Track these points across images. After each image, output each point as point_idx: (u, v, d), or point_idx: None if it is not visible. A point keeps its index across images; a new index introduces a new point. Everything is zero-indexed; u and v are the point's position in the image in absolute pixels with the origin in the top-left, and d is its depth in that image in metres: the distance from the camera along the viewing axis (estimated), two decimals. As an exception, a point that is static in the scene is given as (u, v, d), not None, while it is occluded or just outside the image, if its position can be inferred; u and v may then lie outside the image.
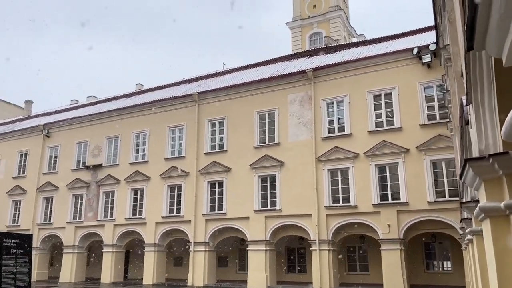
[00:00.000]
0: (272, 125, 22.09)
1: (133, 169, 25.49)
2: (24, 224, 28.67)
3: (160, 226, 23.99)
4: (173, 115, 25.11)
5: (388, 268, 18.04)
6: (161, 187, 24.36)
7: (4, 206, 30.06)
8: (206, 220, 22.61)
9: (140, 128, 26.07)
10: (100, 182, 26.43)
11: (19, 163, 30.62)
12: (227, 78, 26.45)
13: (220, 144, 23.44)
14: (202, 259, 22.28)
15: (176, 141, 24.92)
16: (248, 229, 21.40)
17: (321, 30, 39.17)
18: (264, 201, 21.43)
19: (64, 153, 28.70)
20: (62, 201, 27.76)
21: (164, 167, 24.42)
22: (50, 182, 28.38)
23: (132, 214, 25.05)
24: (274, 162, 21.34)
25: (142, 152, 25.79)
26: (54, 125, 29.84)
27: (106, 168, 26.57)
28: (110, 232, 25.36)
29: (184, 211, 23.39)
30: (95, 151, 27.41)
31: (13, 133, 31.80)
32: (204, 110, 24.23)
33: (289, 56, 26.28)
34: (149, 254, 23.88)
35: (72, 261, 26.36)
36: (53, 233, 27.71)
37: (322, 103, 20.98)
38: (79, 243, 26.60)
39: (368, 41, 24.12)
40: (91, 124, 28.18)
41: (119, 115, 27.14)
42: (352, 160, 19.63)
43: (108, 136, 27.10)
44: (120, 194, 25.69)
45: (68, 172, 27.94)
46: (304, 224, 20.22)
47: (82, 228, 26.64)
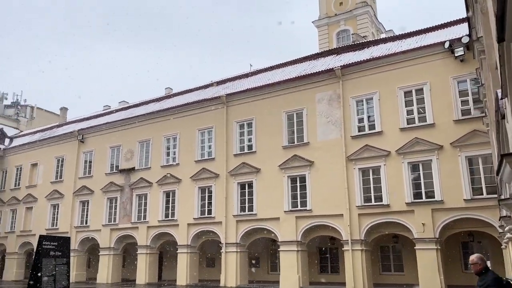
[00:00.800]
0: (301, 124, 21.97)
1: (164, 171, 25.93)
2: (62, 227, 29.68)
3: (192, 228, 24.29)
4: (202, 118, 25.39)
5: (424, 268, 17.57)
6: (192, 189, 24.67)
7: (44, 210, 31.22)
8: (237, 221, 22.72)
9: (170, 131, 26.51)
10: (133, 185, 27.03)
11: (56, 168, 31.74)
12: (254, 79, 26.51)
13: (248, 145, 23.52)
14: (234, 260, 22.40)
15: (205, 143, 25.19)
16: (279, 230, 21.36)
17: (349, 28, 38.65)
18: (294, 201, 21.33)
19: (98, 157, 29.54)
20: (98, 204, 28.58)
21: (194, 169, 24.72)
22: (85, 186, 29.28)
23: (164, 216, 25.49)
24: (303, 162, 21.21)
25: (173, 155, 26.21)
26: (88, 130, 30.76)
27: (138, 172, 27.15)
28: (143, 234, 25.89)
29: (215, 212, 23.59)
30: (128, 155, 28.06)
31: (50, 140, 32.99)
32: (232, 112, 24.38)
33: (316, 55, 26.06)
34: (182, 256, 24.22)
35: (108, 263, 27.08)
36: (90, 236, 28.56)
37: (351, 101, 20.69)
38: (115, 245, 27.29)
39: (397, 36, 23.61)
40: (123, 128, 28.88)
41: (149, 119, 27.69)
42: (383, 158, 19.26)
43: (140, 140, 27.69)
44: (153, 196, 26.20)
45: (103, 176, 28.73)
46: (336, 224, 19.99)
47: (117, 230, 27.32)
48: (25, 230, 31.88)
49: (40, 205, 31.62)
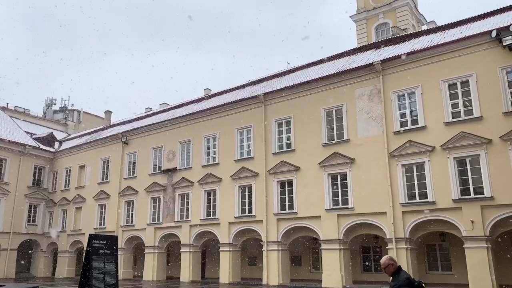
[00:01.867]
0: (340, 121, 21.65)
1: (205, 171, 26.34)
2: (109, 226, 30.81)
3: (233, 226, 24.53)
4: (241, 117, 25.57)
5: (474, 268, 16.85)
6: (232, 188, 24.91)
7: (92, 210, 32.54)
8: (278, 220, 22.72)
9: (210, 131, 26.89)
10: (176, 185, 27.63)
11: (102, 170, 32.99)
12: (292, 77, 26.39)
13: (287, 143, 23.44)
14: (275, 258, 22.41)
15: (244, 142, 25.34)
16: (320, 228, 21.17)
17: (388, 21, 37.64)
18: (335, 199, 21.06)
19: (141, 158, 30.42)
20: (142, 204, 29.44)
21: (234, 169, 24.94)
22: (130, 187, 30.23)
23: (206, 215, 25.89)
24: (344, 159, 20.89)
25: (213, 154, 26.57)
26: (132, 132, 31.74)
27: (180, 171, 27.73)
28: (186, 232, 26.42)
29: (255, 211, 23.71)
30: (170, 155, 28.72)
31: (96, 142, 34.32)
32: (270, 111, 24.39)
33: (355, 50, 25.58)
34: (224, 254, 24.51)
35: (153, 261, 27.84)
36: (135, 235, 29.48)
37: (393, 96, 20.15)
38: (159, 244, 28.02)
39: (440, 27, 22.72)
40: (164, 130, 29.58)
41: (190, 120, 28.21)
42: (427, 154, 18.63)
43: (181, 140, 28.27)
44: (194, 196, 26.67)
45: (146, 176, 29.57)
46: (379, 222, 19.56)
47: (161, 229, 28.03)
48: (75, 229, 33.36)
49: (88, 205, 32.98)
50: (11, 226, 33.13)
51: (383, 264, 6.01)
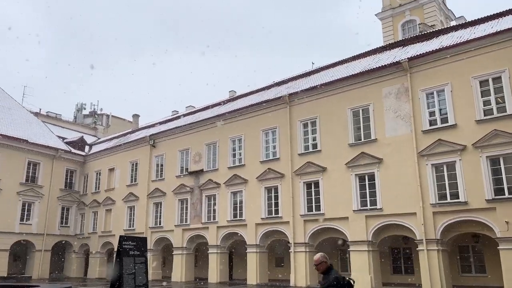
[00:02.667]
0: (367, 121, 21.34)
1: (231, 173, 26.47)
2: (138, 228, 31.37)
3: (260, 228, 24.54)
4: (266, 118, 25.57)
5: (509, 270, 16.22)
6: (259, 189, 24.93)
7: (121, 212, 33.22)
8: (305, 221, 22.58)
9: (235, 133, 27.01)
10: (202, 187, 27.89)
11: (131, 172, 33.64)
12: (317, 77, 26.21)
13: (313, 144, 23.28)
14: (303, 259, 22.28)
15: (270, 143, 25.34)
16: (348, 230, 20.91)
17: (415, 17, 36.86)
18: (363, 200, 20.76)
19: (168, 161, 30.86)
20: (170, 205, 29.85)
21: (260, 170, 24.96)
22: (158, 189, 30.70)
23: (233, 216, 26.00)
24: (371, 159, 20.58)
25: (239, 156, 26.68)
26: (159, 135, 32.24)
27: (206, 173, 27.97)
28: (214, 234, 26.60)
29: (282, 212, 23.64)
30: (196, 157, 29.02)
31: (124, 145, 35.04)
32: (295, 111, 24.30)
33: (381, 48, 25.16)
34: (251, 255, 24.53)
35: (182, 262, 28.16)
36: (163, 236, 29.91)
37: (421, 94, 19.71)
38: (187, 245, 28.33)
39: (469, 22, 22.08)
40: (191, 132, 29.92)
41: (215, 122, 28.41)
42: (458, 152, 18.12)
43: (207, 142, 28.52)
44: (221, 197, 26.84)
45: (173, 178, 29.96)
46: (409, 223, 19.15)
47: (189, 230, 28.34)
48: (106, 231, 34.13)
49: (118, 207, 33.69)
50: (45, 227, 34.20)
51: (317, 261, 6.13)
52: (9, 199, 32.13)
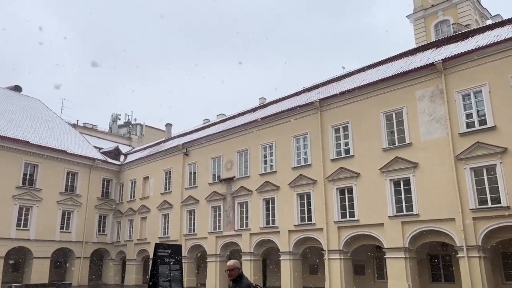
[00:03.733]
0: (401, 124, 20.87)
1: (263, 179, 26.47)
2: (173, 235, 31.81)
3: (293, 235, 24.36)
4: (297, 124, 25.48)
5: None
6: (291, 196, 24.79)
7: (156, 219, 33.82)
8: (338, 228, 22.25)
9: (266, 140, 27.03)
10: (234, 194, 28.02)
11: (165, 181, 34.23)
12: (347, 81, 25.92)
13: (345, 149, 22.98)
14: (337, 267, 21.92)
15: (301, 149, 25.20)
16: (383, 236, 20.44)
17: (448, 17, 35.88)
18: (399, 206, 20.25)
19: (201, 168, 31.22)
20: (203, 213, 30.14)
21: (292, 176, 24.84)
22: (191, 196, 31.09)
23: (265, 223, 25.95)
24: (406, 164, 20.08)
25: (270, 162, 26.66)
26: (191, 144, 32.70)
27: (238, 180, 28.09)
28: (247, 241, 26.62)
29: (315, 219, 23.40)
30: (228, 165, 29.22)
31: (158, 154, 35.74)
32: (326, 117, 24.08)
33: (413, 50, 24.63)
34: (285, 262, 24.37)
35: (216, 269, 28.30)
36: (197, 243, 30.18)
37: (457, 96, 19.11)
38: (221, 252, 28.47)
39: (507, 21, 21.26)
40: (222, 140, 30.19)
41: (246, 129, 28.57)
42: (499, 155, 17.40)
43: (238, 150, 28.68)
44: (253, 204, 26.86)
45: (206, 186, 30.26)
46: (447, 229, 18.50)
47: (222, 237, 28.48)
48: (141, 238, 34.80)
49: (152, 215, 34.32)
50: (83, 235, 35.24)
51: (231, 266, 6.20)
52: (50, 208, 33.32)
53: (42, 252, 32.20)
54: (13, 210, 31.05)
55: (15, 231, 30.93)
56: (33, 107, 39.75)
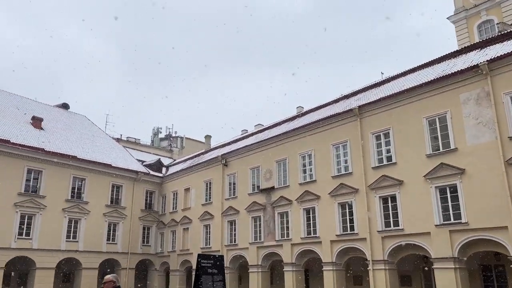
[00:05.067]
0: (445, 129, 20.14)
1: (302, 189, 26.26)
2: (214, 246, 32.08)
3: (335, 245, 23.94)
4: (335, 133, 25.17)
5: None
6: (332, 205, 24.42)
7: (198, 230, 34.26)
8: (382, 237, 21.65)
9: (305, 148, 26.86)
10: (274, 204, 27.94)
11: (205, 192, 34.69)
12: (387, 87, 25.37)
13: (387, 156, 22.43)
14: (382, 278, 21.28)
15: (341, 158, 24.84)
16: (430, 246, 19.66)
17: (492, 17, 34.46)
18: (445, 214, 19.45)
19: (240, 179, 31.41)
20: (243, 223, 30.23)
21: (332, 185, 24.50)
22: (231, 207, 31.29)
23: (306, 234, 25.66)
24: (452, 170, 19.30)
25: (309, 172, 26.43)
26: (230, 154, 33.02)
27: (278, 190, 28.01)
28: (288, 251, 26.40)
29: (357, 228, 22.91)
30: (267, 174, 29.23)
31: (198, 165, 36.32)
32: (366, 124, 23.65)
33: (456, 53, 23.79)
34: (328, 273, 23.94)
35: (258, 280, 28.22)
36: (239, 254, 30.27)
37: (505, 98, 18.23)
38: (262, 263, 28.38)
39: (557, 16, 20.18)
40: (260, 150, 30.28)
41: (284, 139, 28.52)
42: (554, 159, 16.40)
43: (277, 159, 28.65)
44: (294, 214, 26.67)
45: (246, 196, 30.39)
46: (499, 237, 17.54)
47: (263, 248, 28.41)
48: (184, 249, 35.32)
49: (194, 226, 34.80)
50: (128, 247, 36.22)
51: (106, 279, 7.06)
52: (97, 220, 34.53)
53: (90, 263, 33.35)
54: (63, 223, 32.40)
55: (65, 243, 32.22)
56: (80, 123, 41.60)
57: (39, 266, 30.19)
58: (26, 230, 30.20)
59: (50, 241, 31.14)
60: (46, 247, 30.80)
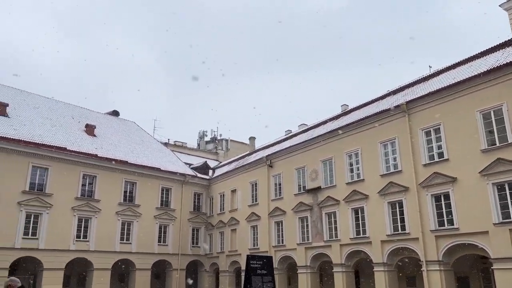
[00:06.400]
0: (501, 122, 19.05)
1: (350, 188, 25.81)
2: (262, 247, 32.21)
3: (386, 245, 23.31)
4: (383, 130, 24.54)
5: None
6: (381, 204, 23.82)
7: (245, 231, 34.56)
8: (436, 237, 20.82)
9: (351, 147, 26.39)
10: (321, 204, 27.64)
11: (251, 193, 34.94)
12: (436, 81, 24.40)
13: (439, 153, 21.56)
14: (437, 279, 20.45)
15: (389, 155, 24.17)
16: (489, 245, 18.66)
17: (549, 0, 32.27)
18: (505, 212, 18.38)
19: (286, 179, 31.35)
20: (290, 224, 30.14)
21: (381, 184, 23.90)
22: (278, 208, 31.30)
23: (355, 234, 25.18)
24: (511, 165, 18.23)
25: (357, 171, 25.93)
26: (275, 155, 33.05)
27: (324, 190, 27.69)
28: (337, 252, 26.02)
29: (409, 228, 22.18)
30: (313, 174, 28.98)
31: (244, 167, 36.65)
32: (415, 119, 22.88)
33: (510, 41, 22.48)
34: (379, 274, 23.35)
35: (307, 281, 28.02)
36: (287, 254, 30.21)
37: None
38: (311, 263, 28.15)
39: None
40: (305, 150, 30.08)
41: (329, 138, 28.17)
42: None
43: (322, 159, 28.33)
44: (341, 214, 26.26)
45: (292, 197, 30.28)
46: None
47: (311, 249, 28.18)
48: (232, 250, 35.74)
49: (241, 227, 35.13)
50: (179, 248, 37.15)
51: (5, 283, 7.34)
52: (148, 222, 35.70)
53: (143, 264, 34.53)
54: (117, 225, 33.76)
55: (119, 245, 33.54)
56: (130, 129, 43.24)
57: (96, 267, 31.63)
58: (84, 232, 31.75)
59: (105, 243, 32.56)
60: (102, 248, 32.24)
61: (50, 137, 32.47)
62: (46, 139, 31.74)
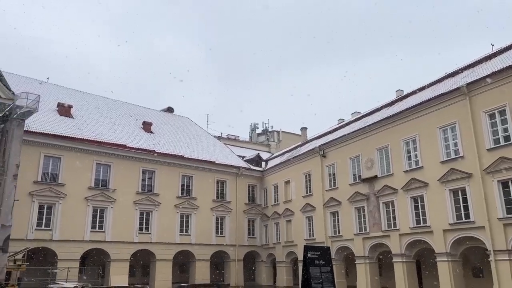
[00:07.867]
0: None
1: (408, 176, 24.96)
2: (318, 237, 32.04)
3: (448, 234, 22.35)
4: (441, 114, 23.44)
5: None
6: (442, 192, 22.83)
7: (300, 222, 34.53)
8: (504, 225, 19.65)
9: (408, 134, 25.48)
10: (378, 193, 26.97)
11: (305, 183, 34.79)
12: (500, 59, 22.88)
13: (505, 136, 20.26)
14: (507, 270, 19.30)
15: (449, 141, 23.07)
16: None
17: None
18: None
19: (340, 169, 30.89)
20: (346, 214, 29.71)
21: (441, 171, 22.89)
22: (333, 198, 30.95)
23: (415, 223, 24.35)
24: None
25: (415, 158, 25.01)
26: (328, 145, 32.62)
27: (381, 179, 26.98)
28: (396, 242, 25.34)
29: (473, 216, 21.10)
30: (368, 163, 28.32)
31: (296, 158, 36.53)
32: (477, 102, 21.63)
33: None
34: (442, 264, 22.47)
35: (366, 271, 27.55)
36: (344, 245, 29.85)
37: None
38: (369, 254, 27.64)
39: None
40: (359, 138, 29.42)
41: (384, 125, 27.35)
42: None
43: (378, 147, 27.58)
44: (400, 203, 25.48)
45: (347, 186, 29.80)
46: None
47: (369, 239, 27.63)
48: (288, 240, 35.87)
49: (296, 218, 35.12)
50: (235, 239, 37.87)
51: None
52: (205, 214, 36.67)
53: (202, 255, 35.59)
54: (176, 218, 34.97)
55: (179, 237, 34.76)
56: (184, 125, 44.48)
57: (159, 258, 33.04)
58: (145, 225, 33.21)
59: (166, 235, 33.86)
60: (163, 240, 33.57)
61: (111, 135, 34.15)
62: (108, 137, 33.41)
